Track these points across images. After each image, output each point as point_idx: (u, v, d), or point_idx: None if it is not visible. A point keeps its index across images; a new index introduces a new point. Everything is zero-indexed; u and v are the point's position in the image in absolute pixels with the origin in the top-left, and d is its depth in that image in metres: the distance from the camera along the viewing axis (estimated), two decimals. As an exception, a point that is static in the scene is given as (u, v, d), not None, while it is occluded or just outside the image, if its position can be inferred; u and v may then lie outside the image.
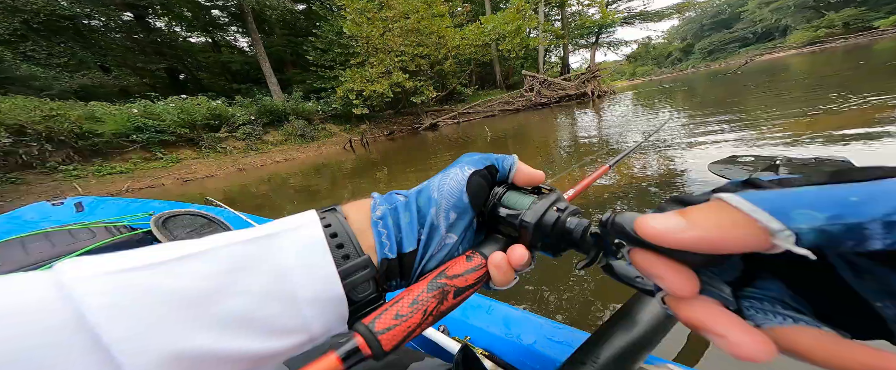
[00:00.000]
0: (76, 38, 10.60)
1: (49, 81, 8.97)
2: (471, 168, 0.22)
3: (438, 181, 0.22)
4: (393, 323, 0.17)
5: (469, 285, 0.20)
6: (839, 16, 31.45)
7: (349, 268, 0.18)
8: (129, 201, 1.53)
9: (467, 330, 0.58)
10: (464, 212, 0.21)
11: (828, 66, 7.79)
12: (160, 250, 0.16)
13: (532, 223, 0.20)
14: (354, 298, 0.18)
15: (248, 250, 0.17)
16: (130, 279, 0.14)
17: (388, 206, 0.21)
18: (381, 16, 11.19)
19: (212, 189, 5.77)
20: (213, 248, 0.16)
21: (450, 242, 0.21)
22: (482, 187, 0.22)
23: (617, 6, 28.20)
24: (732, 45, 47.32)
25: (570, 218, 0.21)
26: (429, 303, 0.18)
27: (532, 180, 0.23)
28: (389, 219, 0.21)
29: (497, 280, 0.20)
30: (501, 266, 0.20)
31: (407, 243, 0.20)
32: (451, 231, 0.21)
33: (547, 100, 13.08)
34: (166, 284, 0.14)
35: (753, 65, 16.92)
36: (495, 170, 0.23)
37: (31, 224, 1.30)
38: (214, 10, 14.01)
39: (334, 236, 0.19)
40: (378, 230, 0.20)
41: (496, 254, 0.21)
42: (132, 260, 0.15)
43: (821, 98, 3.49)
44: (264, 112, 10.51)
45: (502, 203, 0.22)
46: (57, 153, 6.98)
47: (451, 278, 0.19)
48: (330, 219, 0.20)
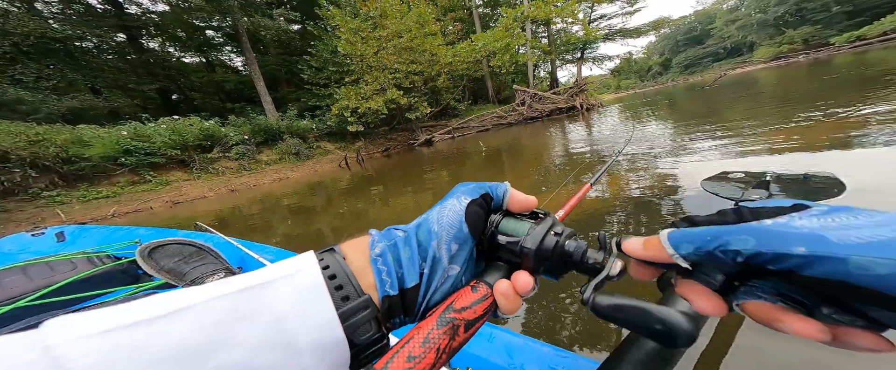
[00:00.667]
0: (67, 60, 10.58)
1: (36, 105, 8.84)
2: (467, 198, 0.22)
3: (437, 213, 0.22)
4: (407, 365, 0.16)
5: (478, 317, 0.19)
6: (798, 33, 33.78)
7: (349, 309, 0.18)
8: (113, 229, 1.48)
9: (468, 360, 0.55)
10: (465, 242, 0.21)
11: (798, 80, 8.26)
12: (150, 305, 0.15)
13: (533, 249, 0.20)
14: (356, 341, 0.18)
15: (243, 300, 0.17)
16: (118, 339, 0.14)
17: (387, 243, 0.21)
18: (375, 35, 11.55)
19: (203, 211, 5.63)
20: (205, 300, 0.16)
21: (453, 274, 0.21)
22: (480, 216, 0.22)
23: (598, 24, 29.80)
24: (706, 59, 50.05)
25: (568, 241, 0.21)
26: (440, 340, 0.18)
27: (526, 206, 0.24)
28: (389, 255, 0.21)
29: (505, 308, 0.21)
30: (508, 294, 0.20)
31: (408, 278, 0.20)
32: (453, 262, 0.21)
33: (538, 113, 13.44)
34: (156, 342, 0.14)
35: (727, 78, 17.84)
36: (490, 198, 0.23)
37: (8, 256, 1.24)
38: (209, 31, 14.26)
39: (333, 278, 0.19)
40: (378, 267, 0.20)
41: (501, 282, 0.21)
42: (120, 318, 0.14)
43: (801, 109, 3.66)
44: (258, 131, 10.50)
45: (500, 230, 0.22)
46: (41, 179, 6.77)
47: (460, 311, 0.19)
48: (328, 260, 0.20)
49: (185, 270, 1.07)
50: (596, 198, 2.13)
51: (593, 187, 0.84)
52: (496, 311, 0.21)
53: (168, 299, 0.16)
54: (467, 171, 4.66)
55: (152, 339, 0.14)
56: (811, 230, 0.14)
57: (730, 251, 0.15)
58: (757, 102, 5.20)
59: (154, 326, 0.15)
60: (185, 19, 12.60)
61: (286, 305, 0.17)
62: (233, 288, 0.17)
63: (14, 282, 0.95)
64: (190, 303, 0.16)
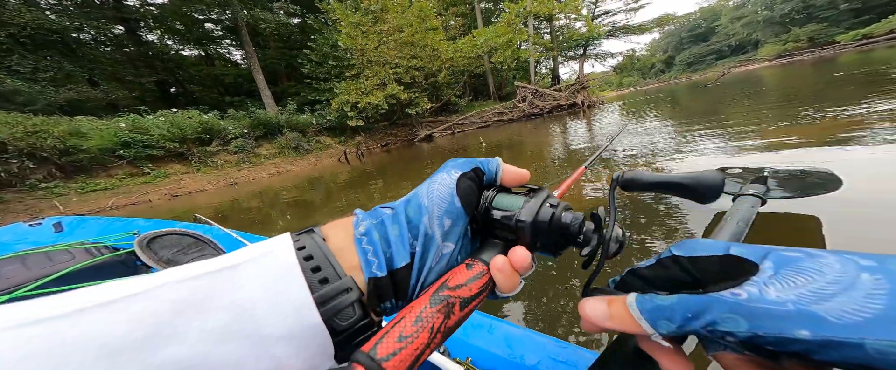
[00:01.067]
0: (64, 52, 10.48)
1: (34, 96, 8.78)
2: (458, 171, 0.21)
3: (426, 188, 0.21)
4: (397, 346, 0.15)
5: (474, 295, 0.18)
6: (804, 31, 33.51)
7: (327, 292, 0.16)
8: (112, 220, 1.47)
9: (469, 351, 0.55)
10: (458, 217, 0.20)
11: (804, 78, 8.21)
12: (86, 294, 0.14)
13: (528, 221, 0.20)
14: (337, 327, 0.16)
15: (199, 286, 0.15)
16: (45, 330, 0.12)
17: (373, 221, 0.20)
18: (376, 29, 11.43)
19: (201, 204, 5.63)
20: (153, 287, 0.14)
21: (447, 252, 0.20)
22: (472, 189, 0.21)
23: (602, 20, 29.52)
24: (710, 57, 49.73)
25: (564, 213, 0.20)
26: (434, 319, 0.16)
27: (519, 179, 0.23)
28: (375, 234, 0.19)
29: (502, 285, 0.19)
30: (505, 269, 0.19)
31: (398, 258, 0.19)
32: (447, 239, 0.20)
33: (539, 110, 13.38)
34: (89, 333, 0.13)
35: (730, 76, 17.74)
36: (481, 172, 0.22)
37: (5, 246, 1.23)
38: (208, 24, 14.10)
39: (309, 259, 0.17)
40: (362, 247, 0.19)
41: (498, 258, 0.20)
42: (49, 308, 0.13)
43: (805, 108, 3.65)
44: (257, 125, 10.45)
45: (494, 206, 0.21)
46: (38, 170, 6.75)
47: (455, 289, 0.18)
48: (305, 241, 0.18)
49: (184, 261, 1.07)
50: (595, 196, 2.12)
51: (588, 170, 0.84)
52: (494, 290, 0.20)
53: (108, 288, 0.14)
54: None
55: (86, 330, 0.13)
56: (796, 306, 0.13)
57: (720, 331, 0.14)
58: (760, 101, 5.18)
59: (85, 318, 0.13)
60: (184, 12, 12.45)
61: (252, 291, 0.15)
62: (189, 274, 0.15)
63: (12, 271, 0.95)
64: (134, 291, 0.14)
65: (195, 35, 14.23)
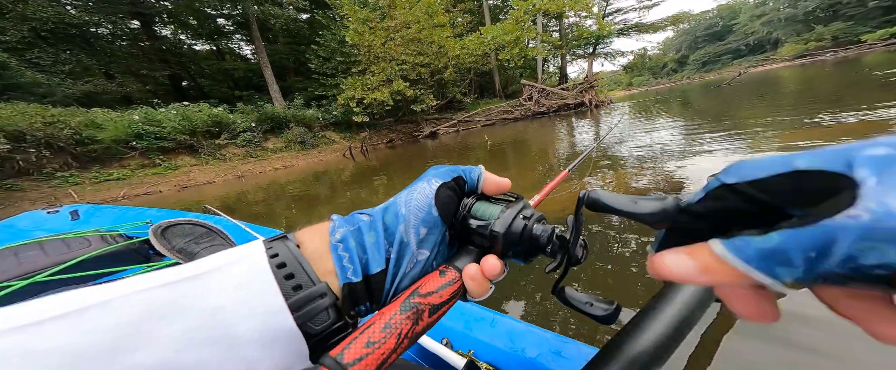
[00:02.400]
0: (83, 46, 10.76)
1: (52, 88, 9.05)
2: (438, 181, 0.22)
3: (405, 196, 0.21)
4: (364, 351, 0.15)
5: (444, 301, 0.19)
6: (828, 29, 32.29)
7: (301, 298, 0.17)
8: (125, 209, 1.52)
9: (471, 343, 0.56)
10: (434, 225, 0.21)
11: (828, 79, 7.94)
12: (50, 303, 0.14)
13: (501, 232, 0.21)
14: (312, 331, 0.17)
15: (167, 294, 0.15)
16: (10, 341, 0.12)
17: (350, 228, 0.20)
18: (383, 25, 11.43)
19: (209, 197, 5.74)
20: (119, 296, 0.14)
21: (422, 258, 0.20)
22: (451, 199, 0.22)
23: (613, 18, 28.93)
24: (726, 56, 48.41)
25: (536, 225, 0.21)
26: (403, 325, 0.17)
27: (500, 188, 0.23)
28: (351, 240, 0.20)
29: (473, 291, 0.20)
30: (476, 277, 0.20)
31: (373, 264, 0.19)
32: (422, 246, 0.20)
33: (545, 109, 13.25)
34: (52, 343, 0.13)
35: (746, 76, 17.26)
36: (463, 181, 0.23)
37: (24, 233, 1.28)
38: (220, 19, 14.29)
39: (282, 266, 0.18)
40: (338, 253, 0.19)
41: (470, 266, 0.20)
42: (14, 318, 0.13)
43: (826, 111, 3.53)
44: (265, 119, 10.58)
45: (472, 214, 0.22)
46: (55, 159, 6.97)
47: (425, 296, 0.19)
48: (277, 248, 0.18)
49: (196, 251, 1.10)
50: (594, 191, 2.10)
51: (571, 173, 0.83)
52: (465, 295, 0.21)
53: (72, 297, 0.14)
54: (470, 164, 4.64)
55: (49, 341, 0.13)
56: None
57: (867, 266, 0.10)
58: (776, 102, 5.03)
59: (49, 327, 0.13)
60: (196, 7, 12.63)
61: (223, 297, 0.16)
62: (157, 281, 0.15)
63: (32, 257, 0.99)
64: (100, 300, 0.14)
65: (207, 30, 14.44)
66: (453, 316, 0.62)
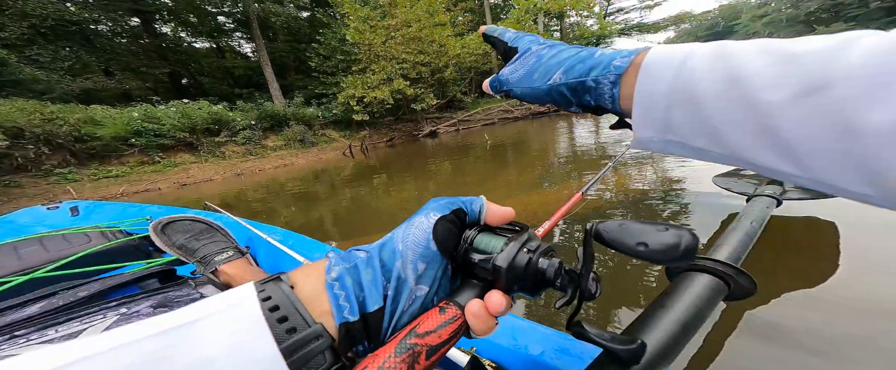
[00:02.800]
0: (82, 43, 10.72)
1: (51, 84, 9.02)
2: (437, 214, 0.21)
3: (402, 232, 0.21)
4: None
5: (444, 341, 0.18)
6: (830, 30, 32.04)
7: (295, 342, 0.16)
8: (125, 206, 1.51)
9: (474, 340, 0.56)
10: (433, 260, 0.20)
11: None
12: (32, 362, 0.13)
13: (504, 267, 0.20)
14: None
15: (160, 344, 0.14)
16: None
17: (346, 266, 0.20)
18: (384, 24, 11.40)
19: (208, 194, 5.73)
20: (111, 348, 0.14)
21: (421, 294, 0.20)
22: (451, 232, 0.21)
23: (614, 18, 28.91)
24: (726, 57, 48.32)
25: (542, 259, 0.20)
26: (397, 369, 0.16)
27: (503, 218, 0.23)
28: (347, 278, 0.19)
29: (476, 329, 0.19)
30: (480, 314, 0.19)
31: (370, 302, 0.19)
32: (420, 282, 0.20)
33: (547, 109, 13.23)
34: None
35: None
36: (463, 213, 0.22)
37: (24, 228, 1.28)
38: (220, 17, 14.24)
39: (275, 309, 0.17)
40: (334, 292, 0.19)
41: (473, 302, 0.20)
42: None
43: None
44: (265, 117, 10.56)
45: (474, 247, 0.22)
46: (53, 156, 6.95)
47: (423, 336, 0.18)
48: (270, 290, 0.18)
49: (196, 247, 1.09)
50: (598, 197, 2.10)
51: (585, 196, 0.78)
52: (468, 332, 0.20)
53: (58, 352, 0.13)
54: (470, 163, 4.64)
55: None
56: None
57: (502, 87, 0.33)
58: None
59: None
60: (197, 4, 12.58)
61: (215, 346, 0.15)
62: (147, 331, 0.15)
63: (32, 253, 0.98)
64: (87, 354, 0.13)
65: (207, 27, 14.39)
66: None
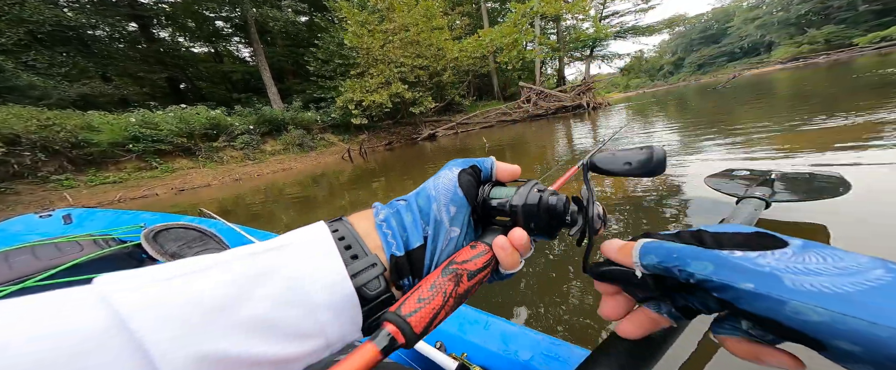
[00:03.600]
0: (79, 48, 10.71)
1: (48, 90, 8.99)
2: (458, 168, 0.25)
3: (433, 182, 0.24)
4: (417, 306, 0.18)
5: (480, 268, 0.21)
6: (821, 33, 32.64)
7: (358, 266, 0.20)
8: (119, 213, 1.50)
9: (464, 346, 0.56)
10: (461, 205, 0.23)
11: (821, 82, 8.02)
12: (185, 264, 0.17)
13: (520, 205, 0.23)
14: (367, 295, 0.20)
15: (264, 259, 0.18)
16: (165, 288, 0.15)
17: (391, 211, 0.23)
18: (382, 28, 11.48)
19: (206, 199, 5.71)
20: (231, 259, 0.18)
21: (454, 235, 0.23)
22: (471, 183, 0.24)
23: (610, 21, 29.21)
24: (721, 59, 48.84)
25: (551, 196, 0.23)
26: (446, 285, 0.19)
27: (511, 174, 0.26)
28: (393, 220, 0.22)
29: (504, 262, 0.22)
30: (506, 247, 0.22)
31: (413, 240, 0.22)
32: (453, 224, 0.23)
33: (544, 111, 13.30)
34: (196, 291, 0.16)
35: (741, 79, 17.41)
36: (478, 169, 0.26)
37: (16, 237, 1.27)
38: (218, 21, 14.30)
39: (342, 239, 0.21)
40: (383, 231, 0.22)
41: (499, 237, 0.22)
42: (164, 272, 0.16)
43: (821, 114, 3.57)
44: (263, 121, 10.56)
45: (491, 196, 0.25)
46: (50, 162, 6.91)
47: (462, 263, 0.21)
48: (337, 226, 0.22)
49: (188, 255, 1.09)
50: (597, 194, 2.11)
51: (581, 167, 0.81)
52: (497, 267, 0.23)
53: (201, 259, 0.18)
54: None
55: (193, 288, 0.16)
56: (772, 270, 0.14)
57: (686, 272, 0.17)
58: (772, 104, 5.08)
59: (193, 278, 0.16)
60: (195, 9, 12.64)
61: (301, 266, 0.18)
62: (253, 250, 0.19)
63: (22, 261, 0.97)
64: (219, 260, 0.17)
65: (205, 32, 14.44)
66: (447, 319, 0.62)
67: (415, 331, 0.17)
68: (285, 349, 0.17)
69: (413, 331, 0.17)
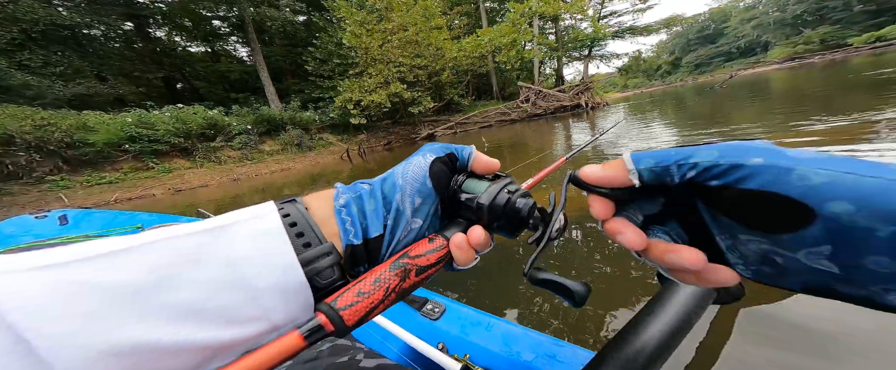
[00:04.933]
0: (74, 47, 10.61)
1: (42, 90, 8.90)
2: (432, 155, 0.23)
3: (402, 169, 0.23)
4: (355, 299, 0.18)
5: (431, 264, 0.21)
6: (816, 33, 32.89)
7: (311, 255, 0.18)
8: (115, 213, 1.49)
9: (466, 347, 0.55)
10: (427, 196, 0.22)
11: (816, 82, 8.08)
12: (92, 245, 0.15)
13: (486, 204, 0.22)
14: (318, 285, 0.19)
15: (196, 241, 0.16)
16: (54, 275, 0.13)
17: (352, 195, 0.22)
18: (381, 28, 11.45)
19: (203, 199, 5.68)
20: (154, 241, 0.16)
21: (415, 227, 0.22)
22: (444, 173, 0.23)
23: (608, 21, 29.28)
24: (718, 59, 49.10)
25: (520, 199, 0.23)
26: (391, 280, 0.19)
27: (489, 168, 0.24)
28: (353, 206, 0.21)
29: (458, 259, 0.21)
30: (462, 245, 0.21)
31: (372, 229, 0.21)
32: (416, 216, 0.22)
33: (542, 111, 13.32)
34: (98, 279, 0.14)
35: (738, 79, 17.50)
36: (455, 157, 0.24)
37: (10, 238, 1.25)
38: (215, 21, 14.20)
39: (293, 225, 0.19)
40: (341, 217, 0.21)
41: (457, 235, 0.22)
42: (56, 256, 0.14)
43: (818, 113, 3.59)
44: (261, 121, 10.51)
45: (463, 189, 0.24)
46: (45, 163, 6.84)
47: (414, 258, 0.20)
48: (289, 209, 0.20)
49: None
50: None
51: (568, 161, 0.81)
52: (451, 263, 0.22)
53: (117, 240, 0.16)
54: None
55: (95, 276, 0.14)
56: (775, 148, 0.16)
57: (687, 164, 0.17)
58: (768, 104, 5.11)
59: (97, 263, 0.14)
60: (192, 9, 12.54)
61: (242, 248, 0.17)
62: (185, 230, 0.17)
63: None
64: (139, 243, 0.16)
65: (202, 32, 14.34)
66: (449, 319, 0.61)
67: (346, 324, 0.17)
68: (223, 333, 0.16)
69: (344, 323, 0.17)
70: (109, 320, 0.13)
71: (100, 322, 0.13)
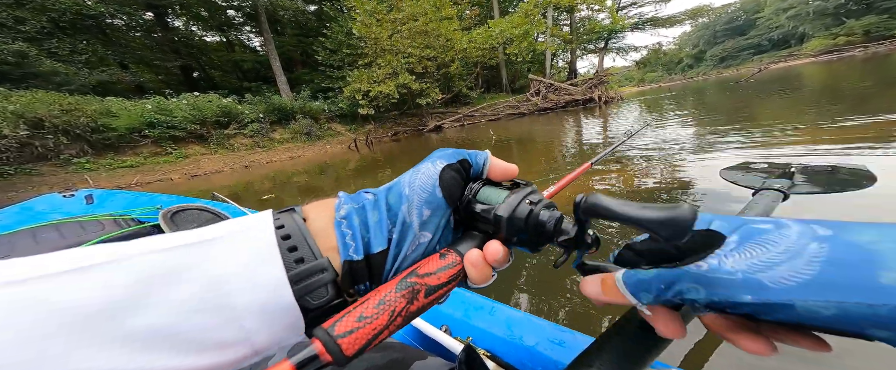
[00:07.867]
0: (99, 36, 10.97)
1: (69, 77, 9.28)
2: (443, 162, 0.21)
3: (409, 177, 0.21)
4: (355, 325, 0.15)
5: (442, 284, 0.19)
6: (860, 23, 30.42)
7: (302, 272, 0.17)
8: (137, 195, 1.56)
9: (469, 330, 0.57)
10: (437, 207, 0.20)
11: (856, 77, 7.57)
12: (59, 258, 0.14)
13: (505, 217, 0.20)
14: (309, 305, 0.17)
15: (172, 258, 0.15)
16: (17, 292, 0.12)
17: (355, 205, 0.20)
18: (390, 17, 11.32)
19: (217, 185, 5.87)
20: (123, 257, 0.14)
21: (424, 241, 0.20)
22: (456, 181, 0.21)
23: (627, 11, 28.03)
24: (746, 52, 46.41)
25: (543, 211, 0.20)
26: (397, 303, 0.17)
27: (506, 174, 0.23)
28: (355, 218, 0.19)
29: (473, 277, 0.19)
30: (477, 263, 0.19)
31: (375, 243, 0.19)
32: (424, 229, 0.20)
33: (553, 105, 13.02)
34: (56, 299, 0.12)
35: (766, 73, 16.57)
36: (469, 164, 0.22)
37: (42, 215, 1.33)
38: (230, 11, 14.37)
39: (287, 238, 0.18)
40: (341, 230, 0.19)
41: (472, 251, 0.20)
42: (17, 271, 0.13)
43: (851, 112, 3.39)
44: (272, 110, 10.69)
45: (477, 199, 0.21)
46: (71, 146, 7.19)
47: (423, 277, 0.18)
48: (284, 220, 0.19)
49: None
50: (607, 191, 2.07)
51: (594, 166, 0.77)
52: (465, 281, 0.20)
53: (82, 253, 0.14)
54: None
55: (53, 295, 0.12)
56: (744, 274, 0.15)
57: (687, 299, 0.17)
58: (797, 101, 4.84)
59: (58, 281, 0.13)
60: (207, -2, 12.69)
61: (226, 265, 0.16)
62: (161, 245, 0.15)
63: (49, 239, 1.02)
64: (106, 259, 0.14)
65: (217, 21, 14.55)
66: (453, 303, 0.63)
67: (345, 354, 0.15)
68: (198, 360, 0.14)
69: (342, 353, 0.15)
70: (68, 344, 0.12)
71: (57, 346, 0.12)
